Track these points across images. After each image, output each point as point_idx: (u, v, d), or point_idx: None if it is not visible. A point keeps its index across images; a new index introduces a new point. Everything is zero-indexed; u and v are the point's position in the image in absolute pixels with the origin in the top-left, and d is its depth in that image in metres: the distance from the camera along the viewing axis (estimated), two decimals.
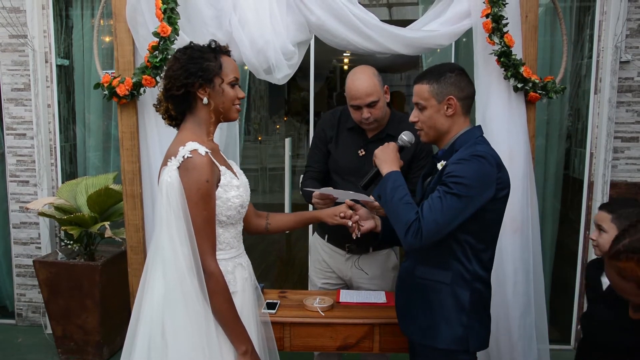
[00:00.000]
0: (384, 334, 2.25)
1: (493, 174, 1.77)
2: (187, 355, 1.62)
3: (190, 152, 1.64)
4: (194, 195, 1.63)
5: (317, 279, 2.69)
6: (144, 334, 1.65)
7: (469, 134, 1.87)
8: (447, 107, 1.85)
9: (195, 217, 1.63)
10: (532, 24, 2.64)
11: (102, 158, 4.00)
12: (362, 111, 2.39)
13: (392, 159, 1.96)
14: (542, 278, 2.78)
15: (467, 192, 1.72)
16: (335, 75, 11.65)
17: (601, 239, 2.08)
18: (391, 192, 1.82)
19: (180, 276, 1.61)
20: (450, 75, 1.86)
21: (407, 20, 2.90)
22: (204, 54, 1.74)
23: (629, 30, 3.38)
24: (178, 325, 1.62)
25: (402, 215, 1.76)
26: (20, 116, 3.81)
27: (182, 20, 2.56)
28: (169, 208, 1.62)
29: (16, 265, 3.95)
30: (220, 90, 1.75)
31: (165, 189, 1.63)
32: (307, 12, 2.62)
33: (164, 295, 1.63)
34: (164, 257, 1.63)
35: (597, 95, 3.48)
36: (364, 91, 2.36)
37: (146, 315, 1.65)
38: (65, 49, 3.92)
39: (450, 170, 1.77)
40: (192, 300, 1.62)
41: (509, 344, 2.67)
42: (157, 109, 1.81)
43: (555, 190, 3.74)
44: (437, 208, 1.72)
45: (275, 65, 2.63)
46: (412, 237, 1.72)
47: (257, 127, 8.28)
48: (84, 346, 3.46)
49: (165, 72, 1.77)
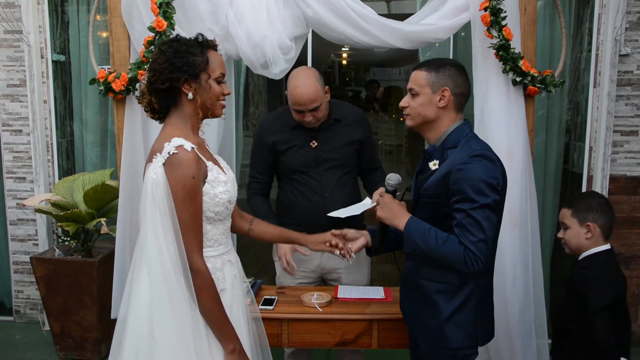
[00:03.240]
0: (383, 329, 2.24)
1: (496, 169, 1.78)
2: (175, 355, 1.59)
3: (176, 147, 1.61)
4: (179, 191, 1.60)
5: (290, 278, 2.61)
6: (132, 334, 1.62)
7: (458, 132, 1.85)
8: (439, 99, 1.84)
9: (181, 214, 1.60)
10: (531, 17, 2.63)
11: (99, 154, 3.98)
12: (305, 114, 2.39)
13: (397, 210, 1.90)
14: (542, 273, 2.77)
15: (487, 199, 1.72)
16: (334, 70, 11.65)
17: (566, 235, 2.15)
18: (423, 241, 1.79)
19: (166, 275, 1.59)
20: (450, 68, 1.86)
21: (406, 14, 2.89)
22: (190, 48, 1.69)
23: (629, 23, 3.36)
24: (165, 324, 1.60)
25: (449, 254, 1.75)
26: (16, 112, 3.79)
27: (178, 14, 2.54)
28: (154, 205, 1.58)
29: (13, 262, 3.93)
30: (206, 86, 1.70)
31: (151, 186, 1.59)
32: (304, 6, 2.60)
33: (149, 294, 1.61)
34: (148, 256, 1.61)
35: (597, 89, 3.46)
36: (307, 98, 2.35)
37: (133, 315, 1.63)
38: (61, 44, 3.90)
39: (456, 178, 1.75)
40: (178, 299, 1.60)
41: (508, 339, 2.67)
42: (140, 101, 1.76)
43: (555, 184, 3.73)
44: (475, 228, 1.72)
45: (272, 59, 2.61)
46: (474, 265, 1.73)
47: (255, 123, 8.26)
48: (82, 343, 3.45)
49: (149, 64, 1.72)
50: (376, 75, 11.57)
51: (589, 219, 2.09)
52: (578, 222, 2.10)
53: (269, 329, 2.12)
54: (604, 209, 2.11)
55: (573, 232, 2.12)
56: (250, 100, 8.17)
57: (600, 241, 2.10)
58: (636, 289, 3.56)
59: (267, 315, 2.20)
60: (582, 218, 2.10)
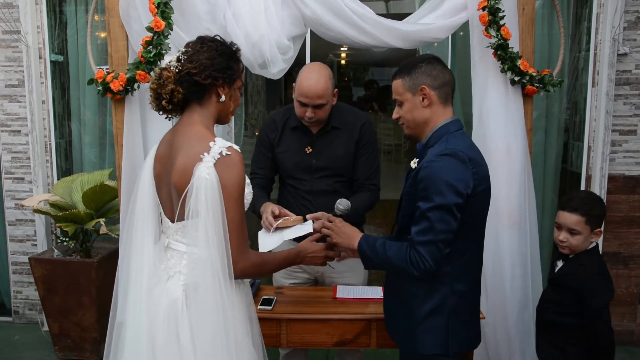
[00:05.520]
0: (381, 329, 2.23)
1: (466, 171, 1.71)
2: (210, 355, 1.62)
3: (227, 148, 1.62)
4: (235, 191, 1.63)
5: (284, 279, 2.62)
6: (137, 334, 1.64)
7: (443, 130, 1.80)
8: (422, 98, 1.80)
9: (235, 214, 1.63)
10: (529, 16, 2.63)
11: (97, 154, 3.97)
12: (307, 109, 2.35)
13: (349, 232, 1.93)
14: (540, 272, 2.78)
15: (444, 200, 1.67)
16: (333, 70, 11.62)
17: (574, 240, 2.13)
18: (373, 254, 1.82)
19: (214, 274, 1.61)
20: (420, 66, 1.82)
21: (404, 13, 2.88)
22: (232, 55, 1.73)
23: (627, 22, 3.36)
24: (202, 324, 1.63)
25: (395, 258, 1.75)
26: (15, 113, 3.78)
27: (176, 14, 2.54)
28: (206, 207, 1.59)
29: (12, 263, 3.93)
30: (235, 94, 1.76)
31: (204, 187, 1.59)
32: (302, 5, 2.60)
33: (183, 296, 1.64)
34: (197, 257, 1.63)
35: (595, 88, 3.47)
36: (315, 93, 2.32)
37: (132, 319, 1.66)
38: (59, 44, 3.89)
39: (422, 176, 1.71)
40: (222, 297, 1.62)
41: (506, 338, 2.67)
42: (160, 89, 1.69)
43: (554, 184, 3.74)
44: (426, 228, 1.68)
45: (270, 59, 2.61)
46: (419, 265, 1.69)
47: (254, 123, 8.26)
48: (81, 343, 3.45)
49: (190, 54, 1.68)
50: (375, 74, 11.61)
51: (599, 225, 2.12)
52: (591, 229, 2.11)
53: (268, 329, 2.13)
54: (605, 211, 2.17)
55: (583, 238, 2.11)
56: (249, 100, 8.18)
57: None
58: (635, 288, 3.56)
59: (265, 315, 2.19)
60: (594, 225, 2.11)
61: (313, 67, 2.39)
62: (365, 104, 9.65)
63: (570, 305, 2.09)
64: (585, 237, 2.11)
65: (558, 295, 2.16)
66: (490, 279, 2.67)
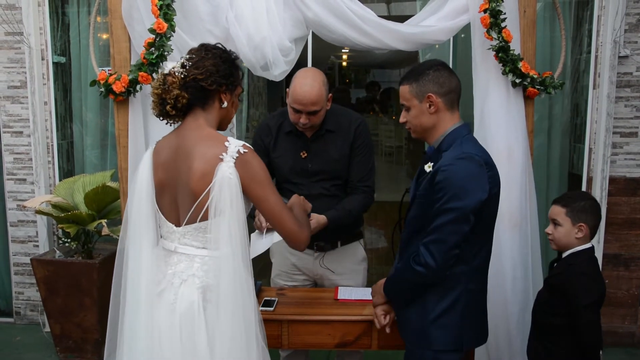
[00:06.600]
0: (383, 330, 2.24)
1: (483, 174, 1.76)
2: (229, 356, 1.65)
3: (242, 146, 1.66)
4: (265, 179, 1.70)
5: (283, 281, 2.63)
6: (137, 336, 1.66)
7: (454, 134, 1.85)
8: (429, 105, 1.84)
9: (276, 197, 1.72)
10: (531, 18, 2.63)
11: (99, 156, 3.98)
12: (302, 116, 2.35)
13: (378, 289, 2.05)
14: (541, 274, 2.77)
15: (459, 203, 1.72)
16: (334, 72, 11.65)
17: (557, 233, 2.17)
18: (393, 284, 1.96)
19: (236, 274, 1.65)
20: (428, 73, 1.85)
21: (406, 15, 2.88)
22: (233, 62, 1.79)
23: (628, 25, 3.37)
24: (223, 324, 1.65)
25: (402, 269, 1.87)
26: (17, 114, 3.79)
27: (178, 16, 2.54)
28: (230, 205, 1.63)
29: (14, 264, 3.94)
30: (235, 100, 1.80)
31: (228, 186, 1.63)
32: (304, 7, 2.61)
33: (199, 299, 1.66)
34: (218, 256, 1.66)
35: (596, 91, 3.47)
36: (309, 100, 2.31)
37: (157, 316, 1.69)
38: (62, 46, 3.90)
39: (439, 179, 1.75)
40: (243, 294, 1.67)
41: (507, 339, 2.67)
42: (165, 94, 1.70)
43: (558, 186, 3.73)
44: (436, 228, 1.74)
45: (272, 61, 2.61)
46: (421, 260, 1.77)
47: (255, 124, 8.27)
48: (83, 344, 3.45)
49: (195, 61, 1.71)
50: (376, 76, 11.61)
51: (582, 220, 2.13)
52: (571, 222, 2.14)
53: (269, 331, 2.12)
54: (595, 211, 2.17)
55: (564, 230, 2.15)
56: (251, 101, 8.18)
57: (587, 240, 2.16)
58: (636, 290, 3.56)
59: (267, 316, 2.19)
60: (575, 218, 2.13)
61: (307, 73, 2.38)
62: (366, 105, 9.66)
63: (559, 306, 2.11)
64: (567, 231, 2.13)
65: (549, 296, 2.19)
66: (491, 280, 2.64)
